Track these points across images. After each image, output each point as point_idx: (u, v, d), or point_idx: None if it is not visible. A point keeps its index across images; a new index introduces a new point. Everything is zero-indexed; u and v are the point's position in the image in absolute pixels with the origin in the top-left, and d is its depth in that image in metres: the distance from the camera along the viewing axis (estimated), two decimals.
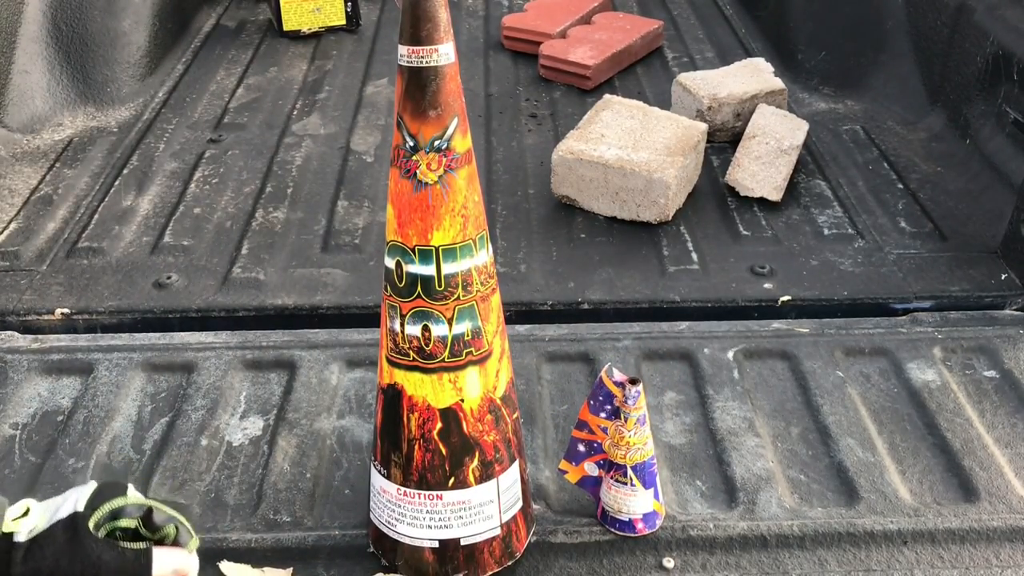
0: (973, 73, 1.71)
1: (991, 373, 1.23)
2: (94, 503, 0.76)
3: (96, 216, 1.62)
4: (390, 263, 0.87)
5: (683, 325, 1.33)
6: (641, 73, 2.14)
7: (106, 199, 1.67)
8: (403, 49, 0.80)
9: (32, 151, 1.83)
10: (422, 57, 0.80)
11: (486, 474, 0.92)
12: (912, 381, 1.22)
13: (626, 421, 0.94)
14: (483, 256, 0.87)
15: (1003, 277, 1.44)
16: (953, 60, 1.78)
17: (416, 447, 0.90)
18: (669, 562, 0.98)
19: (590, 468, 1.01)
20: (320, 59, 2.23)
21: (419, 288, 0.85)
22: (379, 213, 1.63)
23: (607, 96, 1.75)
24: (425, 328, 0.86)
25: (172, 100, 2.03)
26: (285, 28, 2.31)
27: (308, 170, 1.77)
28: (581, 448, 1.00)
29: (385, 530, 0.95)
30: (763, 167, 1.64)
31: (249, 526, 1.02)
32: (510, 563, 0.96)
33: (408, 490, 0.92)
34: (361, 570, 0.98)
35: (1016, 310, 1.38)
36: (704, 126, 1.65)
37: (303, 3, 2.29)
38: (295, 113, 1.98)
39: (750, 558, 0.99)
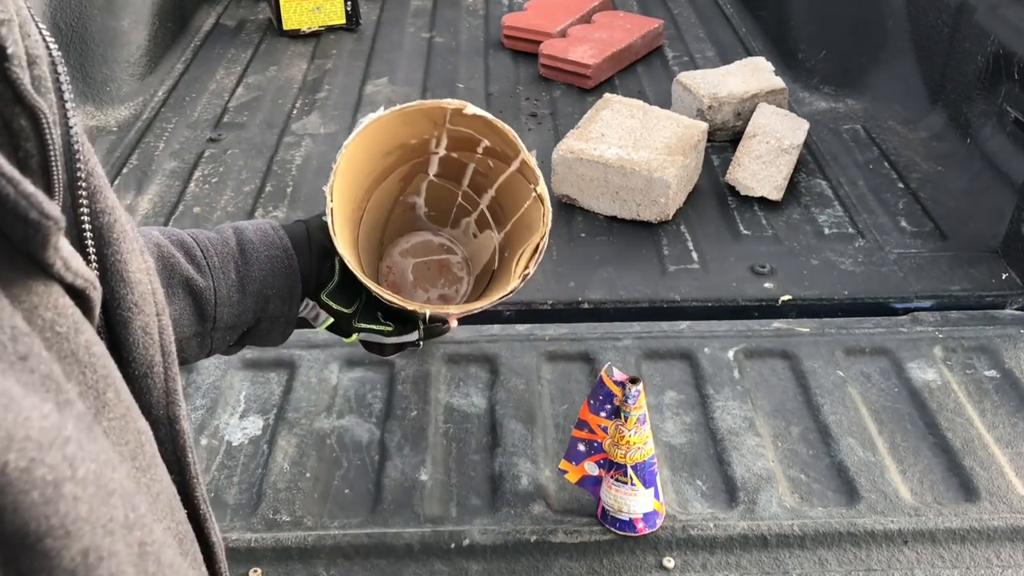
0: (974, 72, 1.71)
1: (992, 373, 1.23)
2: None
3: None
4: None
5: (683, 324, 1.33)
6: (641, 72, 2.14)
7: None
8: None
9: None
10: None
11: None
12: (913, 381, 1.22)
13: (626, 420, 0.94)
14: None
15: (1004, 277, 1.43)
16: (954, 59, 1.78)
17: None
18: (669, 562, 0.98)
19: (590, 468, 1.00)
20: (320, 58, 2.23)
21: None
22: None
23: (607, 95, 1.75)
24: None
25: (172, 99, 2.03)
26: (285, 27, 2.31)
27: (308, 169, 1.76)
28: (581, 447, 1.00)
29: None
30: (763, 166, 1.64)
31: (249, 526, 1.02)
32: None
33: None
34: (361, 570, 0.98)
35: (1017, 310, 1.38)
36: (704, 125, 1.65)
37: (303, 2, 2.29)
38: (295, 112, 1.97)
39: (750, 558, 0.99)
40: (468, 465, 1.10)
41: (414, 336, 0.97)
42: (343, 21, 2.34)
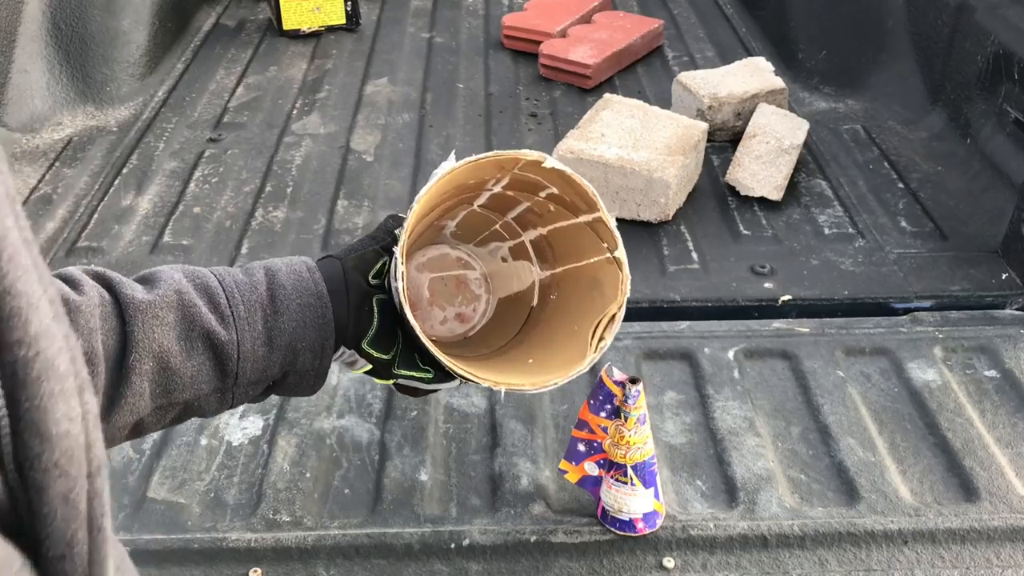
0: (974, 72, 1.71)
1: (992, 373, 1.23)
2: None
3: (95, 216, 1.62)
4: None
5: (683, 324, 1.32)
6: (641, 72, 2.14)
7: (105, 198, 1.67)
8: None
9: (31, 150, 1.83)
10: None
11: None
12: (913, 381, 1.21)
13: (626, 420, 0.94)
14: None
15: (1004, 277, 1.43)
16: (954, 59, 1.78)
17: None
18: (669, 562, 0.98)
19: (590, 468, 1.00)
20: (320, 58, 2.22)
21: None
22: (378, 212, 1.63)
23: (607, 95, 1.75)
24: None
25: (172, 99, 2.03)
26: (285, 27, 2.31)
27: (308, 169, 1.76)
28: (581, 447, 1.00)
29: None
30: (763, 166, 1.64)
31: (249, 526, 1.02)
32: None
33: None
34: (361, 570, 0.98)
35: (1017, 310, 1.38)
36: (704, 125, 1.65)
37: (303, 2, 2.29)
38: (295, 112, 1.97)
39: (750, 558, 0.99)
40: (468, 465, 1.10)
41: (455, 383, 0.89)
42: (343, 21, 2.34)
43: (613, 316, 0.90)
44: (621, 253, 0.91)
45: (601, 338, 0.90)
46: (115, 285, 0.70)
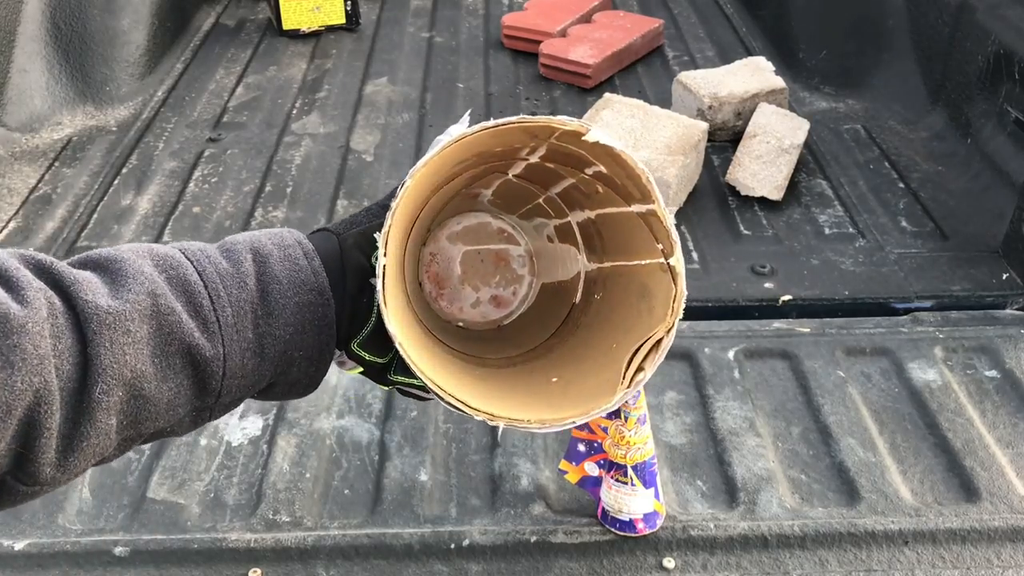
0: (974, 72, 1.71)
1: (992, 373, 1.23)
2: None
3: (95, 215, 1.62)
4: None
5: (683, 324, 1.32)
6: (641, 72, 2.14)
7: (105, 198, 1.67)
8: None
9: (31, 150, 1.83)
10: None
11: None
12: (913, 381, 1.21)
13: (626, 420, 0.94)
14: None
15: (1004, 277, 1.43)
16: (954, 59, 1.78)
17: None
18: (670, 562, 0.98)
19: (590, 468, 1.00)
20: (319, 58, 2.22)
21: None
22: None
23: (607, 95, 1.75)
24: None
25: (171, 99, 2.03)
26: (284, 27, 2.30)
27: (308, 169, 1.76)
28: (581, 448, 1.00)
29: None
30: (764, 166, 1.64)
31: (249, 526, 1.01)
32: None
33: None
34: (361, 570, 0.98)
35: (1017, 309, 1.38)
36: (705, 125, 1.65)
37: (302, 2, 2.29)
38: (294, 112, 1.97)
39: (751, 558, 0.99)
40: (468, 465, 1.10)
41: None
42: (343, 21, 2.34)
43: (659, 341, 0.73)
44: (678, 261, 0.73)
45: (640, 368, 0.73)
46: (68, 286, 0.53)
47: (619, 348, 0.75)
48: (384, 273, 0.64)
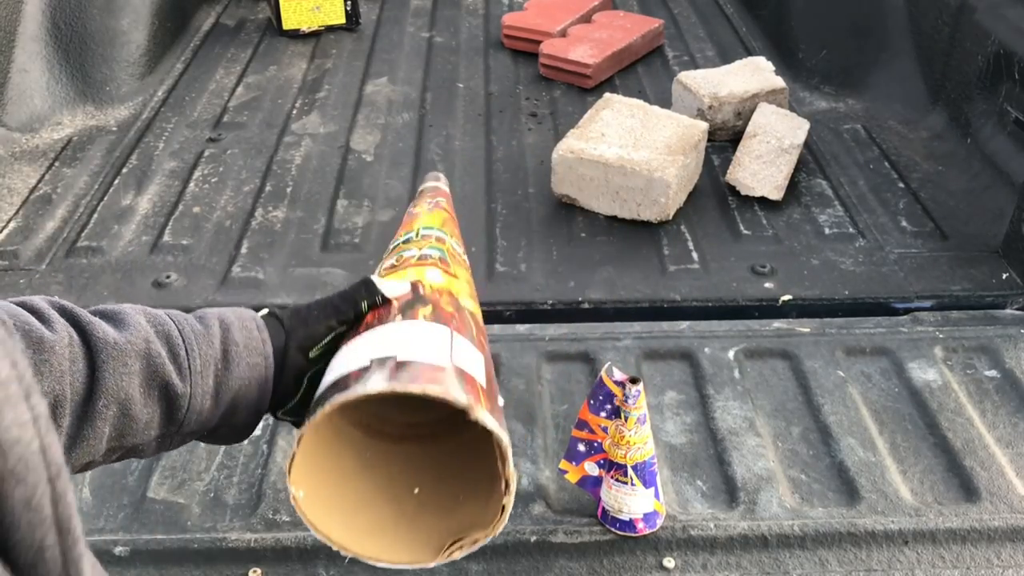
0: (974, 72, 1.71)
1: (992, 373, 1.23)
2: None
3: (95, 215, 1.62)
4: None
5: (684, 324, 1.32)
6: (642, 72, 2.14)
7: (105, 198, 1.67)
8: None
9: (31, 150, 1.83)
10: None
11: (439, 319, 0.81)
12: (913, 381, 1.21)
13: (626, 420, 0.94)
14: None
15: (1004, 276, 1.43)
16: (954, 59, 1.78)
17: None
18: (670, 562, 0.98)
19: (590, 468, 1.00)
20: (319, 58, 2.22)
21: None
22: (378, 212, 1.63)
23: (607, 95, 1.75)
24: None
25: (171, 99, 2.03)
26: (284, 27, 2.30)
27: (308, 169, 1.76)
28: (581, 448, 1.00)
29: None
30: (764, 166, 1.64)
31: (249, 526, 1.01)
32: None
33: None
34: (360, 570, 0.98)
35: (1017, 309, 1.38)
36: (705, 125, 1.65)
37: (302, 2, 2.29)
38: (294, 112, 1.97)
39: (751, 558, 0.99)
40: None
41: None
42: (343, 21, 2.34)
43: (476, 540, 0.74)
44: (509, 503, 0.73)
45: (459, 547, 0.74)
46: (84, 325, 0.70)
47: (478, 492, 0.76)
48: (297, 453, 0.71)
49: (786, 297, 1.40)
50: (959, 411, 1.16)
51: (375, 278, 0.84)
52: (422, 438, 0.83)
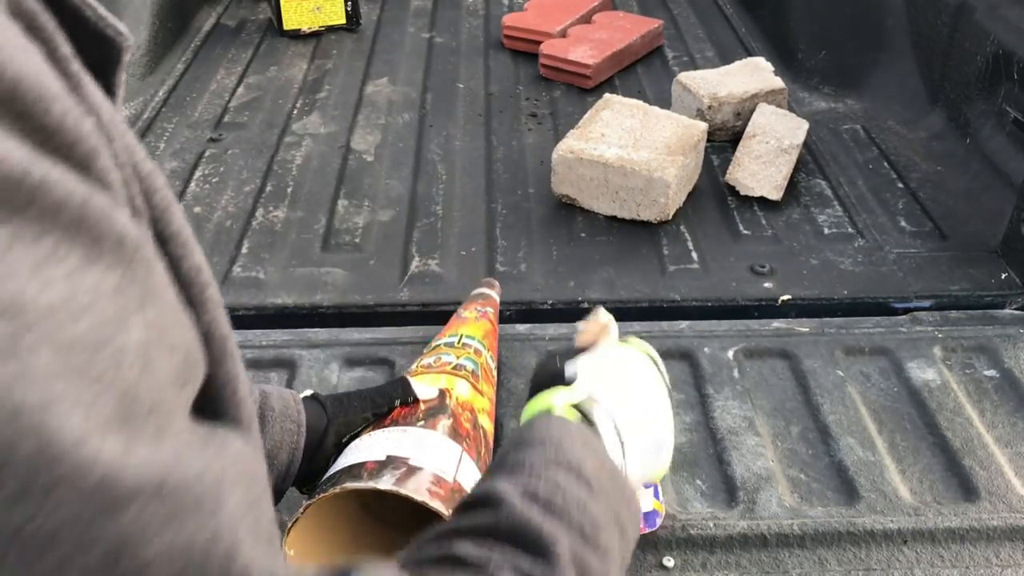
0: (973, 72, 1.71)
1: (991, 372, 1.23)
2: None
3: None
4: None
5: (683, 324, 1.33)
6: (641, 72, 2.14)
7: None
8: None
9: None
10: None
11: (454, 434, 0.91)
12: (912, 380, 1.22)
13: None
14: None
15: (1003, 276, 1.44)
16: (953, 59, 1.78)
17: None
18: (669, 561, 0.98)
19: None
20: (320, 58, 2.23)
21: None
22: (379, 212, 1.63)
23: (607, 95, 1.75)
24: None
25: (172, 99, 2.03)
26: (285, 27, 2.31)
27: (308, 169, 1.77)
28: None
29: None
30: (763, 166, 1.64)
31: None
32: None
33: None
34: None
35: (1016, 309, 1.38)
36: (704, 125, 1.65)
37: (303, 2, 2.29)
38: (295, 112, 1.98)
39: (750, 557, 0.99)
40: None
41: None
42: (343, 21, 2.34)
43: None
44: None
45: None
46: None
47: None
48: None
49: (785, 297, 1.40)
50: (958, 411, 1.17)
51: (411, 379, 0.94)
52: (412, 531, 0.85)
